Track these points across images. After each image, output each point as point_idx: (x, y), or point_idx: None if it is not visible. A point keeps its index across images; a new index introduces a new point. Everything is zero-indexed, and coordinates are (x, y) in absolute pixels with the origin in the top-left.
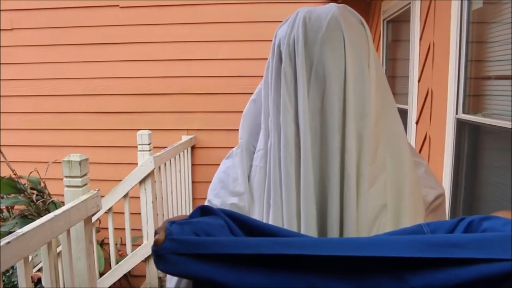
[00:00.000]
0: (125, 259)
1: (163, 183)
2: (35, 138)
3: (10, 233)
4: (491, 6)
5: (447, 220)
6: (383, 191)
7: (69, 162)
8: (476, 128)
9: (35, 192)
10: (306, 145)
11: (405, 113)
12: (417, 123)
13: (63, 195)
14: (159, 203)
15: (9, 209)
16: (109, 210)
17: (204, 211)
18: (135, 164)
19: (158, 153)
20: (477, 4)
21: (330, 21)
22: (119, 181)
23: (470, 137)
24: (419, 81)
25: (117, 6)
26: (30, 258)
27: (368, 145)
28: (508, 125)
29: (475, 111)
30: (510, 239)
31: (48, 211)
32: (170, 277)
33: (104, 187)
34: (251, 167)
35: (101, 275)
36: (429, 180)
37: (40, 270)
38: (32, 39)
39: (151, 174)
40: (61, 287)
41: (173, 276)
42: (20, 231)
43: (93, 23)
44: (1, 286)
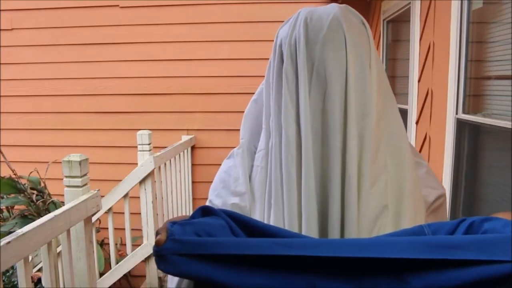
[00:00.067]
0: (125, 259)
1: (163, 183)
2: (35, 138)
3: (10, 233)
4: (491, 6)
5: (448, 221)
6: (384, 191)
7: (69, 162)
8: (476, 128)
9: (35, 192)
10: (307, 145)
11: (405, 113)
12: (417, 123)
13: (63, 195)
14: (159, 203)
15: (9, 209)
16: (109, 210)
17: (205, 211)
18: (135, 164)
19: (158, 153)
20: (477, 4)
21: (331, 22)
22: (119, 181)
23: (470, 137)
24: (419, 81)
25: (117, 6)
26: (30, 258)
27: (369, 145)
28: (508, 125)
29: (475, 111)
30: (510, 240)
31: (48, 211)
32: (171, 277)
33: (104, 187)
34: (252, 167)
35: (101, 275)
36: (430, 180)
37: (40, 270)
38: (32, 39)
39: (151, 174)
40: (61, 287)
41: (174, 276)
42: (20, 231)
43: (93, 23)
44: (1, 286)
